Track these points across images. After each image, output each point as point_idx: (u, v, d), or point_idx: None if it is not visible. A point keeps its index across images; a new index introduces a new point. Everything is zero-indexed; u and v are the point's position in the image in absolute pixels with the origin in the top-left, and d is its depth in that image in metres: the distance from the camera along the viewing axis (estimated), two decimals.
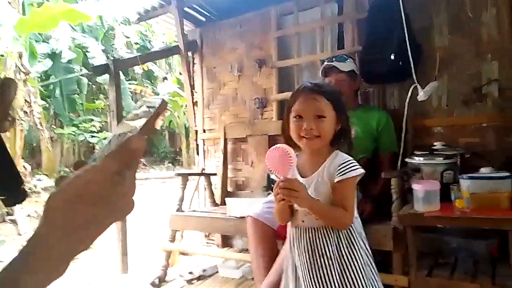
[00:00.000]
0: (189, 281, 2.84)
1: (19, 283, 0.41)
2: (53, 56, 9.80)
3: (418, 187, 1.99)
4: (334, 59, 2.52)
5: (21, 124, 6.58)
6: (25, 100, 6.64)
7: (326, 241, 1.36)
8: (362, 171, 1.35)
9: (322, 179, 1.36)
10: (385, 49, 2.48)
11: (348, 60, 2.51)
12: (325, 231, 1.37)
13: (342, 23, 2.99)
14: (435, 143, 2.36)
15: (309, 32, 3.19)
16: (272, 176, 1.53)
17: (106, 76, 3.04)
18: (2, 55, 6.21)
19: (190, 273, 2.92)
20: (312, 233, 1.38)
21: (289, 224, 1.48)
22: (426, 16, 2.63)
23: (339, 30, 3.04)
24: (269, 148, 1.29)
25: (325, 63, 2.53)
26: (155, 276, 2.86)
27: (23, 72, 6.34)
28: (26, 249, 0.42)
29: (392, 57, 2.44)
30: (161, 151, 15.40)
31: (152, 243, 4.11)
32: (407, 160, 2.32)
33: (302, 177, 1.39)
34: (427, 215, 1.90)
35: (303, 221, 1.40)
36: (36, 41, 8.91)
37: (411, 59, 2.30)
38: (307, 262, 1.37)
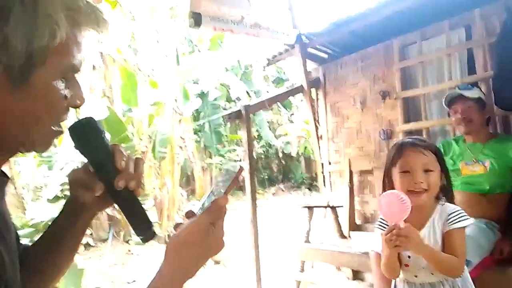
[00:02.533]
0: None
1: None
2: (202, 95, 11.21)
3: None
4: (458, 88, 2.41)
5: (178, 157, 7.68)
6: (181, 137, 7.75)
7: None
8: (471, 221, 1.33)
9: (434, 232, 1.36)
10: None
11: (474, 88, 2.37)
12: (441, 285, 1.36)
13: (471, 49, 2.82)
14: None
15: (435, 60, 3.07)
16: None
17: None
18: (162, 100, 7.43)
19: None
20: None
21: (398, 280, 1.49)
22: None
23: (468, 56, 2.87)
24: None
25: (449, 92, 2.44)
26: None
27: (179, 114, 7.44)
28: (154, 278, 0.66)
29: None
30: (298, 177, 15.83)
31: (284, 267, 4.33)
32: None
33: None
34: None
35: (416, 276, 1.41)
36: (188, 83, 10.37)
37: None
38: None
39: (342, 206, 3.48)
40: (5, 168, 0.70)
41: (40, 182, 5.73)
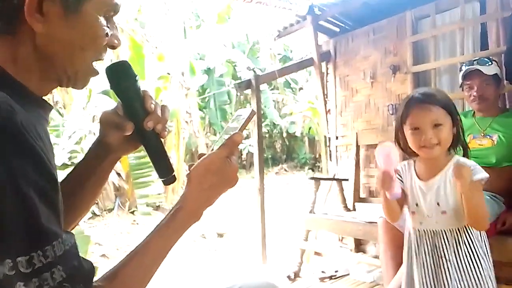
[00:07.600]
0: (322, 279, 3.00)
1: (170, 223, 0.70)
2: (208, 71, 11.17)
3: None
4: (475, 62, 2.38)
5: (183, 132, 7.72)
6: (186, 111, 7.78)
7: (445, 243, 1.40)
8: (487, 174, 1.35)
9: (445, 184, 1.40)
10: None
11: (492, 63, 2.35)
12: (444, 234, 1.41)
13: (485, 23, 2.79)
14: None
15: (447, 34, 3.05)
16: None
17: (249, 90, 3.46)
18: (169, 73, 7.43)
19: (323, 272, 3.08)
20: (431, 235, 1.43)
21: (406, 227, 1.55)
22: None
23: (481, 31, 2.84)
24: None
25: (466, 66, 2.41)
26: (290, 271, 3.10)
27: (185, 88, 7.45)
28: (178, 201, 0.73)
29: None
30: (301, 157, 15.88)
31: (288, 239, 4.41)
32: None
33: (421, 180, 1.46)
34: None
35: (421, 223, 1.46)
36: (194, 59, 10.32)
37: None
38: (425, 263, 1.42)
39: (347, 180, 3.52)
40: None
41: None
